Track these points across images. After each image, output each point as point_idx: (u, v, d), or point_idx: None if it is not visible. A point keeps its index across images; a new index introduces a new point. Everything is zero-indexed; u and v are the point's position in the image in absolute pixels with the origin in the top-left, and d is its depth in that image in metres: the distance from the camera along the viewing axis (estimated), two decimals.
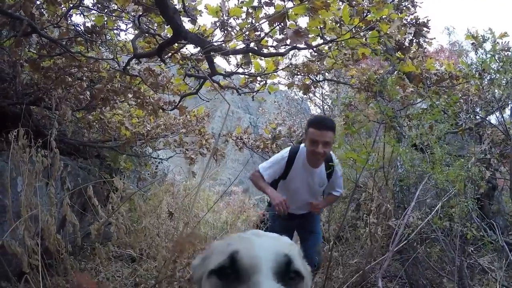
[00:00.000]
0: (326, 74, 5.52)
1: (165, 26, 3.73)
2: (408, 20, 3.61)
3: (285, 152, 3.21)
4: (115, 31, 3.73)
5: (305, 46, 4.01)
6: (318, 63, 5.18)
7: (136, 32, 3.77)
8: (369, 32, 3.65)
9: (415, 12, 3.79)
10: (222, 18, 3.82)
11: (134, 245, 3.74)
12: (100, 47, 3.34)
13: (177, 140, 5.48)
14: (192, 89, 4.33)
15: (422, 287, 3.46)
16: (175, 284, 3.19)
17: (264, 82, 4.69)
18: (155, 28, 3.74)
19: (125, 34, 4.13)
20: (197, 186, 4.66)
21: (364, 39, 3.59)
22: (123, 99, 3.74)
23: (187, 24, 3.68)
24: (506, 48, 2.97)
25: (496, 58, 2.81)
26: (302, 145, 3.18)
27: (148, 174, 5.37)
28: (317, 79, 5.57)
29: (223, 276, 0.72)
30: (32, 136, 2.81)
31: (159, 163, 5.73)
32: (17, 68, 2.70)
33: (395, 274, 4.20)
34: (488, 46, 2.98)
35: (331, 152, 3.18)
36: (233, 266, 0.70)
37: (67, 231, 3.19)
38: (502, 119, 2.99)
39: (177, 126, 5.25)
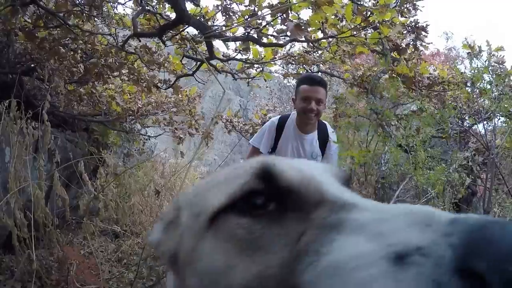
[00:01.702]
0: (321, 65, 5.54)
1: (166, 3, 3.66)
2: (408, 23, 3.65)
3: (275, 118, 2.97)
4: (112, 4, 3.64)
5: (305, 39, 4.02)
6: (314, 54, 5.20)
7: (135, 6, 3.70)
8: (370, 32, 3.69)
9: (416, 15, 3.82)
10: (224, 2, 3.77)
11: (120, 222, 3.77)
12: (96, 19, 3.25)
13: (167, 118, 5.45)
14: (188, 69, 4.30)
15: None
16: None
17: (261, 69, 4.68)
18: (154, 4, 3.67)
19: (123, 9, 4.02)
20: (186, 165, 4.70)
21: (364, 38, 3.62)
22: (117, 75, 3.68)
23: (189, 5, 3.63)
24: (500, 62, 3.05)
25: (490, 70, 2.89)
26: (293, 112, 2.94)
27: (136, 150, 5.35)
28: (312, 70, 5.58)
29: (252, 211, 0.41)
30: (23, 108, 2.76)
31: (146, 140, 5.71)
32: (11, 37, 2.62)
33: None
34: (483, 57, 3.05)
35: (326, 123, 2.98)
36: (272, 186, 0.42)
37: (54, 204, 3.20)
38: (484, 131, 3.10)
39: (168, 104, 5.21)
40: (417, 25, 3.67)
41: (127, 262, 3.80)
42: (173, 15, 3.53)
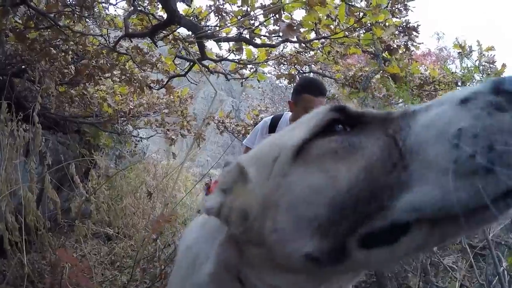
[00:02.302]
0: (313, 66, 5.55)
1: (158, 4, 3.64)
2: (399, 24, 3.68)
3: (267, 118, 2.98)
4: (104, 4, 3.60)
5: (297, 40, 4.03)
6: (306, 54, 5.21)
7: (127, 7, 3.67)
8: (363, 33, 3.71)
9: (407, 15, 3.86)
10: (217, 3, 3.76)
11: (112, 224, 3.73)
12: (87, 20, 3.22)
13: (159, 120, 5.41)
14: (181, 70, 4.27)
15: (388, 279, 3.67)
16: (155, 263, 3.24)
17: (254, 69, 4.67)
18: (145, 4, 3.64)
19: (115, 10, 3.98)
20: (178, 167, 4.67)
21: (357, 39, 3.64)
22: (108, 76, 3.64)
23: (181, 5, 3.61)
24: (491, 61, 3.09)
25: (480, 69, 2.93)
26: (286, 112, 2.94)
27: (128, 152, 5.30)
28: (303, 70, 5.60)
29: (336, 133, 0.48)
30: (13, 110, 2.71)
31: (138, 141, 5.66)
32: (1, 38, 2.57)
33: None
34: (474, 57, 3.09)
35: None
36: (346, 114, 0.51)
37: (45, 207, 3.15)
38: None
39: (159, 105, 5.18)
40: (408, 26, 3.71)
41: (120, 264, 3.77)
42: (165, 16, 3.50)
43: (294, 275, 0.50)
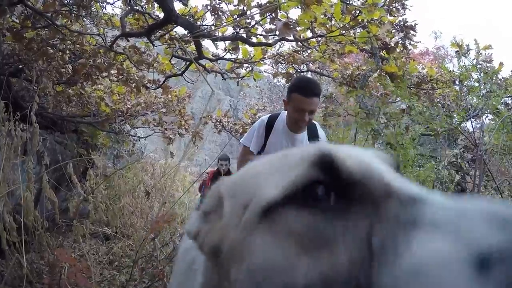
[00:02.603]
0: (310, 65, 5.57)
1: (155, 3, 3.64)
2: (396, 22, 3.70)
3: (264, 117, 2.94)
4: (101, 4, 3.60)
5: (294, 38, 4.05)
6: (304, 53, 5.22)
7: (124, 7, 3.67)
8: (359, 31, 3.73)
9: (404, 14, 3.88)
10: (213, 2, 3.77)
11: (110, 223, 3.73)
12: (84, 19, 3.21)
13: (156, 119, 5.41)
14: (178, 69, 4.28)
15: None
16: (153, 263, 3.24)
17: (250, 68, 4.68)
18: (143, 4, 3.64)
19: (112, 9, 3.98)
20: (176, 166, 4.67)
21: (353, 37, 3.65)
22: (105, 75, 3.64)
23: (178, 4, 3.62)
24: (488, 60, 3.11)
25: (478, 68, 2.94)
26: (283, 111, 2.91)
27: (126, 151, 5.31)
28: (301, 69, 5.62)
29: (312, 204, 0.38)
30: (11, 109, 2.71)
31: (136, 141, 5.66)
32: None
33: None
34: (471, 55, 3.11)
35: (315, 122, 2.95)
36: (333, 176, 0.39)
37: (43, 207, 3.15)
38: (472, 129, 3.16)
39: (157, 105, 5.18)
40: (405, 24, 3.73)
41: (119, 264, 3.77)
42: (162, 15, 3.50)
43: None
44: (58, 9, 2.61)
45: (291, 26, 3.61)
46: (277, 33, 3.87)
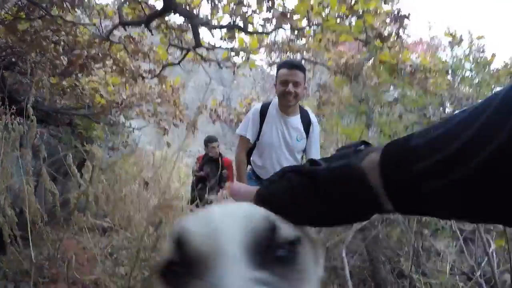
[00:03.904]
0: (304, 53, 5.57)
1: None
2: (391, 11, 3.71)
3: (257, 105, 3.04)
4: None
5: (290, 27, 4.03)
6: (298, 42, 5.22)
7: None
8: (354, 20, 3.74)
9: (398, 2, 3.89)
10: None
11: (111, 214, 3.72)
12: (76, 10, 3.15)
13: (151, 110, 5.36)
14: (174, 58, 4.24)
15: (381, 263, 3.77)
16: (154, 254, 3.24)
17: (246, 57, 4.67)
18: None
19: None
20: (173, 156, 4.65)
21: (349, 26, 3.67)
22: (101, 66, 3.59)
23: None
24: (481, 50, 3.16)
25: (471, 58, 2.98)
26: (274, 98, 3.02)
27: (121, 143, 5.25)
28: (295, 58, 5.61)
29: (170, 275, 0.44)
30: (7, 103, 2.66)
31: (131, 132, 5.60)
32: None
33: (356, 250, 4.51)
34: (464, 45, 3.15)
35: (307, 108, 3.08)
36: (182, 255, 0.43)
37: (42, 200, 3.12)
38: None
39: (152, 95, 5.12)
40: (399, 14, 3.75)
41: (118, 257, 3.77)
42: (157, 4, 3.46)
43: None
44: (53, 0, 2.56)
45: (288, 15, 3.60)
46: (273, 21, 3.85)
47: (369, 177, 0.41)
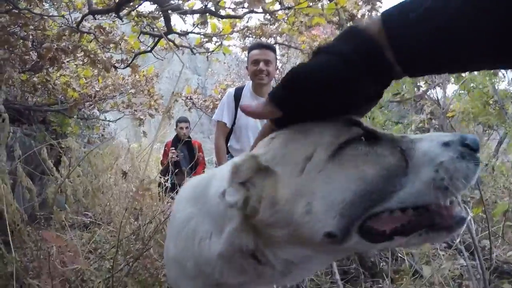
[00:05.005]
0: (278, 38, 5.57)
1: None
2: None
3: (231, 90, 3.12)
4: None
5: (262, 10, 4.02)
6: (271, 26, 5.21)
7: None
8: (326, 3, 3.76)
9: None
10: None
11: (91, 207, 3.67)
12: (44, 3, 3.02)
13: (125, 101, 5.26)
14: (146, 47, 4.15)
15: None
16: (137, 242, 3.24)
17: (219, 43, 4.62)
18: None
19: None
20: (149, 147, 4.60)
21: (321, 9, 3.69)
22: (71, 59, 3.48)
23: None
24: None
25: None
26: (247, 82, 3.11)
27: (97, 137, 5.14)
28: (269, 42, 5.60)
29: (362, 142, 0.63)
30: None
31: (106, 125, 5.48)
32: None
33: None
34: None
35: None
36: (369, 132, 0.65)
37: (20, 200, 3.04)
38: (436, 96, 3.34)
39: (125, 86, 5.02)
40: None
41: (102, 252, 3.74)
42: None
43: (305, 248, 0.64)
44: None
45: None
46: (246, 5, 3.83)
47: (377, 40, 0.54)
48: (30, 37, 2.93)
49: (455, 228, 0.60)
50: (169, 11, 3.51)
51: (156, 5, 3.49)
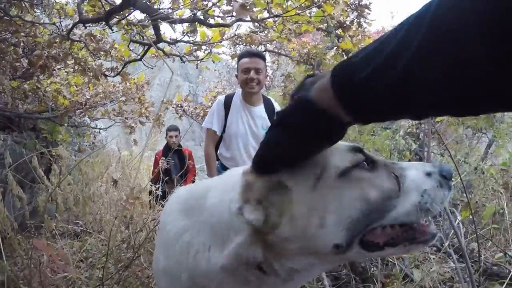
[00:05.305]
0: (268, 45, 5.65)
1: None
2: (352, 1, 3.85)
3: (221, 97, 3.09)
4: None
5: (251, 19, 4.09)
6: (261, 34, 5.29)
7: None
8: (314, 11, 3.85)
9: None
10: None
11: (82, 215, 3.65)
12: (35, 10, 3.04)
13: (116, 109, 5.26)
14: (136, 55, 4.18)
15: None
16: (128, 250, 3.23)
17: (209, 51, 4.67)
18: None
19: None
20: (139, 155, 4.61)
21: (309, 16, 3.77)
22: (62, 66, 3.49)
23: None
24: None
25: None
26: (238, 90, 3.08)
27: (87, 145, 5.12)
28: (259, 50, 5.69)
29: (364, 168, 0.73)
30: None
31: (97, 133, 5.47)
32: None
33: None
34: None
35: (270, 98, 3.15)
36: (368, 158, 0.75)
37: (10, 209, 3.03)
38: None
39: (116, 94, 5.03)
40: (360, 3, 3.90)
41: (93, 260, 3.71)
42: (116, 0, 3.40)
43: (312, 257, 0.72)
44: (10, 0, 2.46)
45: (248, 7, 3.65)
46: (234, 14, 3.90)
47: (319, 102, 0.57)
48: (21, 44, 2.94)
49: (430, 241, 0.73)
50: (159, 20, 3.56)
51: (145, 14, 3.54)
